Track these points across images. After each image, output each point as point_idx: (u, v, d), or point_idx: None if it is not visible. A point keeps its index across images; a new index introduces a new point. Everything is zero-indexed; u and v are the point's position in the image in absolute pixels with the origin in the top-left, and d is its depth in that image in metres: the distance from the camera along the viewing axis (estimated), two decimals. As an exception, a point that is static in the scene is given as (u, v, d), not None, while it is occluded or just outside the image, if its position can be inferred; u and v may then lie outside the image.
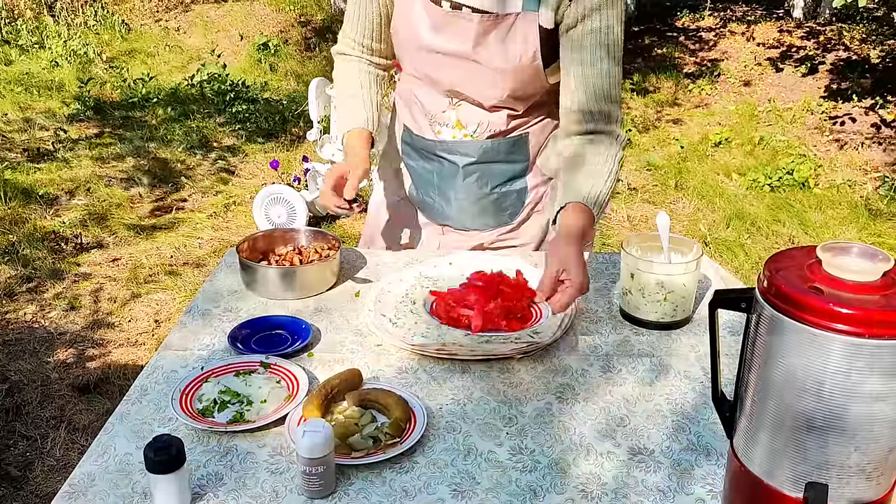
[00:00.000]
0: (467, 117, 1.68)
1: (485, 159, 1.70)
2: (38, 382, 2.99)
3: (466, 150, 1.70)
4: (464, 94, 1.65)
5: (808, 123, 6.21)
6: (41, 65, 7.26)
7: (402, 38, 1.66)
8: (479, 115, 1.67)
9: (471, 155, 1.70)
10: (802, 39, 7.69)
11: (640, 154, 5.73)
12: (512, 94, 1.62)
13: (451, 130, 1.70)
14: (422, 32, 1.59)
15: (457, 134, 1.70)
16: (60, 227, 4.32)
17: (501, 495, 1.05)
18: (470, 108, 1.67)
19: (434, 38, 1.58)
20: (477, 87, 1.62)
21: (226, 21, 8.54)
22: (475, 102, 1.65)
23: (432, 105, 1.70)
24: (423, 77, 1.69)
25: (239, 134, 5.96)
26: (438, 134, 1.72)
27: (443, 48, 1.58)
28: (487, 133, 1.68)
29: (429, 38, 1.59)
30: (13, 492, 2.48)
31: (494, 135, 1.68)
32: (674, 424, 1.20)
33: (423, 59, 1.64)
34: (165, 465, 0.99)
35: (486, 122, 1.67)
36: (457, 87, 1.64)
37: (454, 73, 1.62)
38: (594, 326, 1.48)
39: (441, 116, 1.70)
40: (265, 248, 1.69)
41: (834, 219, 4.73)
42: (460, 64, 1.59)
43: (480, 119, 1.67)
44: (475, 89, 1.63)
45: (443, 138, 1.71)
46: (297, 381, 1.26)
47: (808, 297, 0.80)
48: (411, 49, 1.65)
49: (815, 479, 0.84)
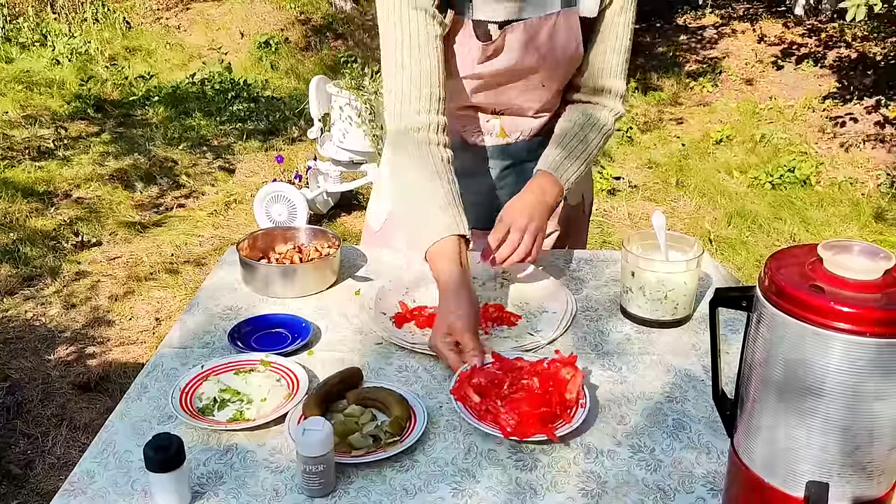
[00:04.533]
0: (512, 125, 1.65)
1: (527, 159, 1.67)
2: (39, 381, 2.99)
3: (509, 152, 1.68)
4: (511, 106, 1.62)
5: (809, 121, 6.20)
6: (42, 63, 7.26)
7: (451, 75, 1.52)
8: (523, 122, 1.65)
9: (512, 157, 1.68)
10: (804, 37, 7.67)
11: (642, 152, 5.72)
12: (558, 90, 1.63)
13: (495, 139, 1.67)
14: (469, 63, 1.52)
15: (500, 141, 1.67)
16: (61, 225, 4.32)
17: (501, 494, 1.05)
18: (515, 117, 1.65)
19: (485, 66, 1.53)
20: (526, 96, 1.60)
21: (227, 19, 8.53)
22: (522, 111, 1.64)
23: (477, 117, 1.64)
24: (469, 103, 1.60)
25: (240, 132, 5.95)
26: (481, 142, 1.67)
27: (491, 72, 1.53)
28: (530, 136, 1.67)
29: (480, 68, 1.53)
30: (14, 490, 2.48)
31: (536, 135, 1.68)
32: (674, 423, 1.20)
33: (472, 87, 1.57)
34: (165, 463, 0.99)
35: (530, 129, 1.66)
36: (503, 102, 1.61)
37: (503, 91, 1.58)
38: (595, 325, 1.48)
39: (485, 126, 1.65)
40: (265, 247, 1.69)
41: (835, 217, 4.73)
42: (510, 80, 1.56)
43: (524, 126, 1.66)
44: (523, 99, 1.60)
45: (485, 144, 1.67)
46: (297, 379, 1.26)
47: (809, 296, 0.80)
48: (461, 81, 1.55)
49: (815, 478, 0.84)
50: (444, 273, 1.32)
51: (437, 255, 1.34)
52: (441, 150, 1.45)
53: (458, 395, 1.19)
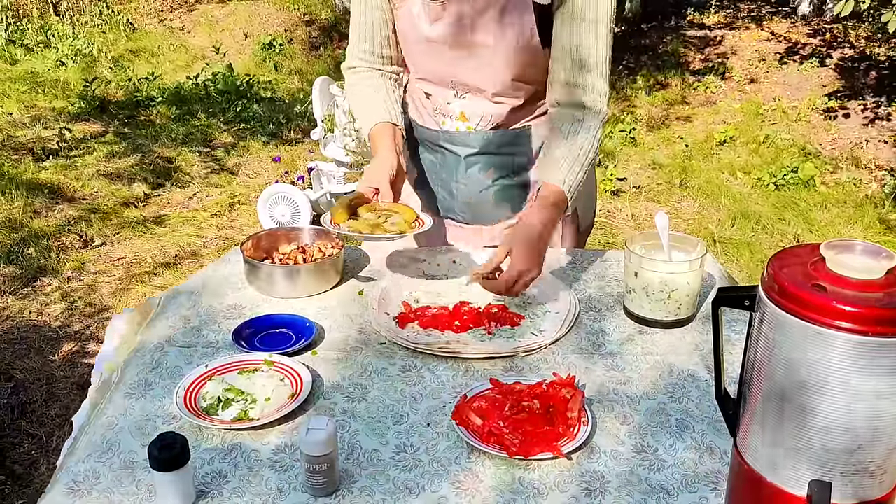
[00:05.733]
0: (471, 109, 1.69)
1: (487, 150, 1.72)
2: (43, 381, 3.00)
3: (469, 141, 1.71)
4: (468, 84, 1.66)
5: (813, 121, 6.19)
6: (46, 64, 7.27)
7: (405, 36, 1.68)
8: (482, 107, 1.68)
9: (473, 146, 1.71)
10: (808, 37, 7.66)
11: (645, 152, 5.72)
12: (514, 79, 1.63)
13: (455, 122, 1.71)
14: (420, 25, 1.62)
15: (460, 126, 1.71)
16: (64, 225, 4.33)
17: (504, 493, 1.05)
18: (474, 100, 1.68)
19: (432, 29, 1.61)
20: (480, 73, 1.63)
21: (230, 20, 8.55)
22: (479, 93, 1.67)
23: (438, 97, 1.72)
24: (428, 73, 1.71)
25: (243, 133, 5.96)
26: (443, 125, 1.73)
27: (442, 37, 1.61)
28: (490, 125, 1.69)
29: (428, 31, 1.61)
30: (18, 490, 2.49)
31: (497, 126, 1.69)
32: (677, 422, 1.20)
33: (426, 53, 1.66)
34: (170, 462, 1.00)
35: (490, 115, 1.68)
36: (460, 77, 1.66)
37: (455, 62, 1.64)
38: (598, 325, 1.48)
39: (446, 108, 1.71)
40: (269, 247, 1.69)
41: (839, 217, 4.72)
42: (460, 52, 1.61)
43: (484, 112, 1.68)
44: (479, 77, 1.64)
45: (446, 129, 1.73)
46: (301, 379, 1.26)
47: (812, 295, 0.80)
48: (413, 44, 1.67)
49: (818, 477, 0.84)
50: (377, 146, 1.67)
51: (373, 134, 1.68)
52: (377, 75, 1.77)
53: (458, 419, 1.18)
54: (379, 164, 1.60)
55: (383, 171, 1.58)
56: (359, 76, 1.78)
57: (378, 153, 1.64)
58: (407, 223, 1.48)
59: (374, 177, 1.57)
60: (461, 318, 1.47)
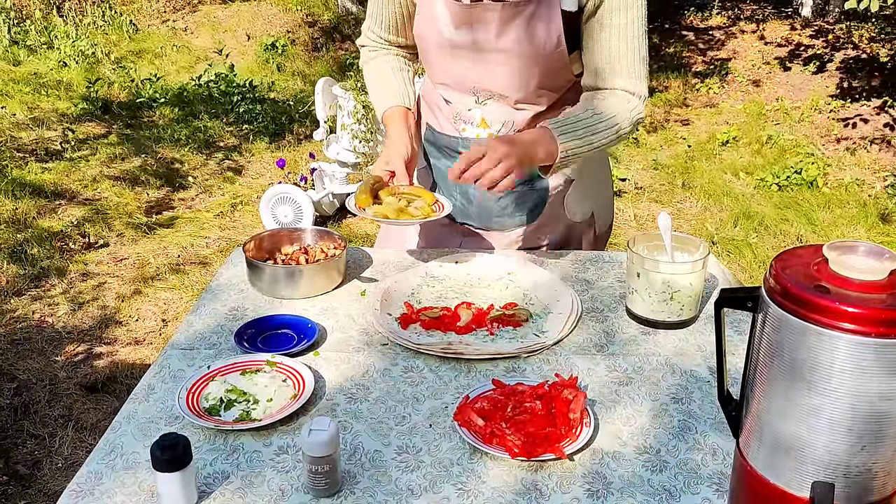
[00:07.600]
0: (493, 116, 1.67)
1: None
2: (46, 381, 3.00)
3: None
4: (490, 90, 1.64)
5: (816, 122, 6.18)
6: (49, 65, 7.29)
7: (425, 39, 1.66)
8: (504, 113, 1.66)
9: None
10: (811, 38, 7.65)
11: (648, 153, 5.72)
12: (539, 86, 1.61)
13: (476, 129, 1.69)
14: (444, 29, 1.59)
15: (481, 133, 1.69)
16: (68, 226, 4.34)
17: (507, 494, 1.05)
18: (496, 106, 1.66)
19: (456, 33, 1.58)
20: (503, 79, 1.61)
21: (233, 21, 8.56)
22: (502, 99, 1.65)
23: (458, 103, 1.70)
24: (448, 78, 1.68)
25: (246, 134, 5.97)
26: (463, 132, 1.71)
27: (466, 42, 1.58)
28: (512, 132, 1.67)
29: (452, 34, 1.59)
30: (21, 490, 2.49)
31: (518, 132, 1.67)
32: (680, 424, 1.20)
33: (448, 57, 1.64)
34: (172, 463, 1.00)
35: (512, 122, 1.66)
36: (482, 83, 1.64)
37: (479, 68, 1.61)
38: (600, 325, 1.48)
39: (466, 115, 1.69)
40: (271, 248, 1.69)
41: (842, 218, 4.71)
42: (485, 56, 1.59)
43: (506, 118, 1.66)
44: (503, 83, 1.62)
45: (466, 136, 1.71)
46: (303, 379, 1.26)
47: (815, 296, 0.80)
48: (435, 49, 1.64)
49: (821, 479, 0.84)
50: (390, 127, 1.71)
51: (387, 117, 1.73)
52: (392, 55, 1.81)
53: (461, 419, 1.18)
54: (394, 147, 1.64)
55: (398, 153, 1.63)
56: (371, 54, 1.83)
57: (391, 136, 1.68)
58: (429, 206, 1.56)
59: (390, 159, 1.62)
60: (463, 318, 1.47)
